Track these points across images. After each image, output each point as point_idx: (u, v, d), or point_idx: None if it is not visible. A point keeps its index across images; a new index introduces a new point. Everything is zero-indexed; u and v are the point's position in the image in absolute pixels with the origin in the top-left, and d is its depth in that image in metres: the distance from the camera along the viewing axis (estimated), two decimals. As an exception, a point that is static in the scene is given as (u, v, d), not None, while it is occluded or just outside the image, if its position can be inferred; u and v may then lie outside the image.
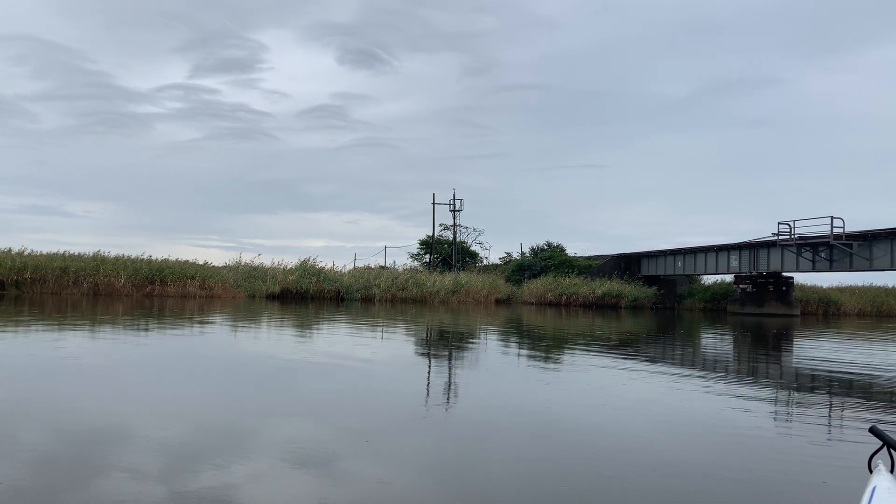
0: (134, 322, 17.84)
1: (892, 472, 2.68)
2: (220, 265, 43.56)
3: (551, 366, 12.20)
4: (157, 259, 38.78)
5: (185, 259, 40.55)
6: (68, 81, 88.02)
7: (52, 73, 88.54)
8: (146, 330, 15.83)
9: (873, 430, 2.94)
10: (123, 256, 38.11)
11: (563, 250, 56.71)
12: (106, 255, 37.83)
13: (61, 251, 37.05)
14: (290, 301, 36.74)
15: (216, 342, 14.05)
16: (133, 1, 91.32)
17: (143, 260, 37.98)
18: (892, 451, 2.76)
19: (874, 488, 2.49)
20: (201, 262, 41.04)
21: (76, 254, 37.16)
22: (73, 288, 34.05)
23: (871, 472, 2.73)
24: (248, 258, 47.58)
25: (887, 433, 2.85)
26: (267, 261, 47.91)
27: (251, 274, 41.62)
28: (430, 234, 61.76)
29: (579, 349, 15.28)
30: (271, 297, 38.64)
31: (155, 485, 4.22)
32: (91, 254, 37.44)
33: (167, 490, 4.13)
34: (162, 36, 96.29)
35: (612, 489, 4.56)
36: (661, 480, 4.77)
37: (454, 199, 60.69)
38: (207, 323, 18.96)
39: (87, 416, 6.15)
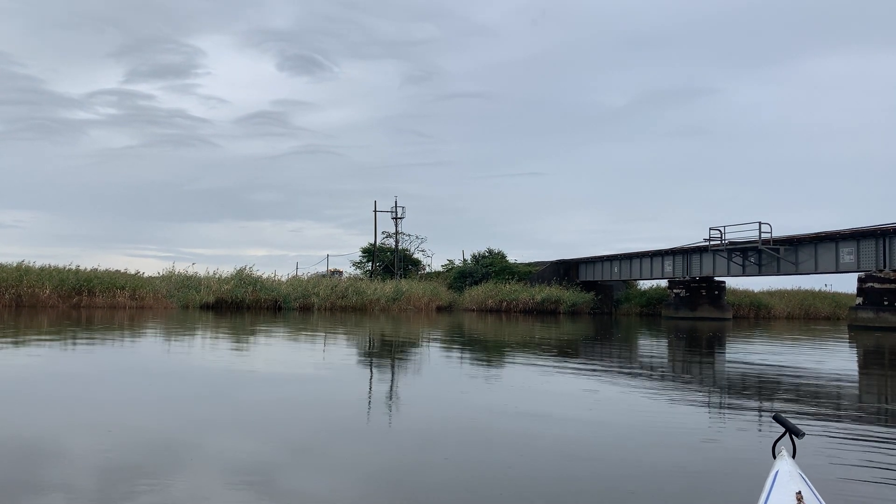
0: (58, 334, 17.02)
1: (793, 457, 2.83)
2: (153, 275, 42.25)
3: (492, 372, 12.17)
4: (84, 269, 37.35)
5: (116, 269, 39.21)
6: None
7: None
8: (73, 341, 15.10)
9: (777, 418, 3.08)
10: (50, 266, 36.58)
11: (503, 257, 57.18)
12: (31, 265, 36.23)
13: (-19, 261, 35.32)
14: (225, 311, 35.85)
15: (146, 354, 13.50)
16: (60, 4, 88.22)
17: (69, 270, 36.48)
18: (793, 437, 2.91)
19: (777, 472, 2.64)
20: (132, 272, 39.72)
21: (-2, 264, 35.47)
22: (-7, 299, 32.42)
23: (774, 457, 2.88)
24: (182, 267, 46.29)
25: (790, 421, 2.98)
26: (204, 270, 46.70)
27: (184, 283, 40.46)
28: (373, 242, 61.38)
29: (520, 355, 15.31)
30: (205, 308, 37.64)
31: (86, 503, 3.97)
32: (15, 264, 35.78)
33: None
34: (93, 40, 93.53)
35: (554, 492, 4.49)
36: (602, 480, 4.78)
37: (396, 206, 60.61)
38: (137, 334, 18.25)
39: (13, 431, 5.77)
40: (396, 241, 61.55)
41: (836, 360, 16.38)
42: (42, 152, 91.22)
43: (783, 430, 2.95)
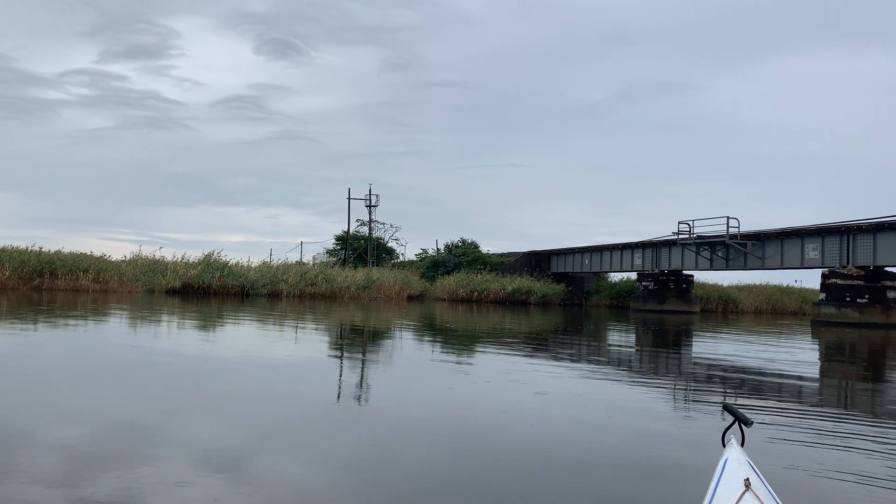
0: (19, 315, 16.52)
1: (742, 445, 2.87)
2: (120, 259, 41.50)
3: (463, 362, 12.09)
4: (47, 251, 36.48)
5: (81, 252, 38.38)
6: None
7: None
8: (34, 324, 14.66)
9: (726, 408, 3.10)
10: (10, 247, 35.67)
11: (476, 247, 57.22)
12: (-9, 246, 35.32)
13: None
14: (191, 296, 35.32)
15: (111, 338, 13.16)
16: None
17: (31, 251, 35.61)
18: (742, 426, 2.95)
19: (726, 460, 2.70)
20: (98, 255, 38.93)
21: (-46, 245, 34.52)
22: (-51, 281, 31.56)
23: (724, 446, 2.94)
24: (149, 251, 45.49)
25: (739, 410, 3.02)
26: (175, 255, 45.85)
27: (151, 268, 39.82)
28: (347, 230, 61.03)
29: (490, 345, 15.25)
30: (171, 293, 37.08)
31: (52, 490, 3.80)
32: (-27, 245, 34.86)
33: (66, 496, 3.72)
34: (65, 18, 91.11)
35: (524, 481, 4.40)
36: (572, 470, 4.72)
37: (370, 194, 60.33)
38: (98, 317, 17.82)
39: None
40: (370, 229, 61.26)
41: (791, 354, 16.59)
42: (12, 132, 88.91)
43: (732, 419, 3.00)
